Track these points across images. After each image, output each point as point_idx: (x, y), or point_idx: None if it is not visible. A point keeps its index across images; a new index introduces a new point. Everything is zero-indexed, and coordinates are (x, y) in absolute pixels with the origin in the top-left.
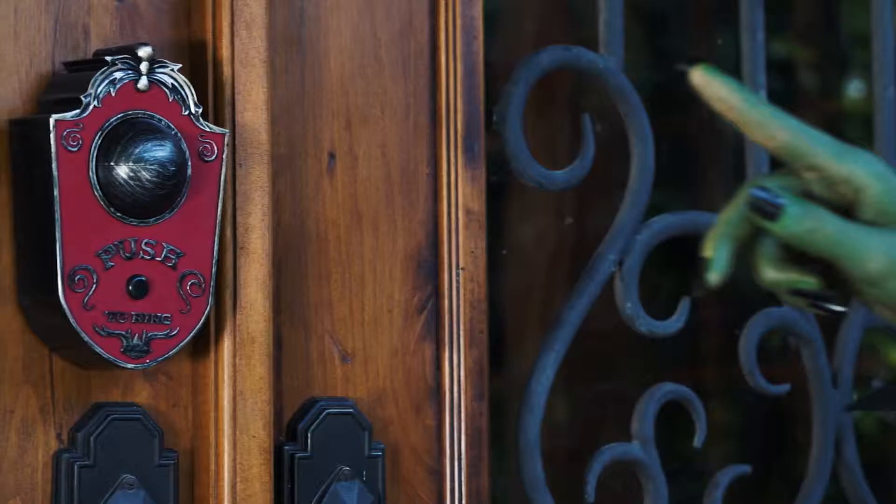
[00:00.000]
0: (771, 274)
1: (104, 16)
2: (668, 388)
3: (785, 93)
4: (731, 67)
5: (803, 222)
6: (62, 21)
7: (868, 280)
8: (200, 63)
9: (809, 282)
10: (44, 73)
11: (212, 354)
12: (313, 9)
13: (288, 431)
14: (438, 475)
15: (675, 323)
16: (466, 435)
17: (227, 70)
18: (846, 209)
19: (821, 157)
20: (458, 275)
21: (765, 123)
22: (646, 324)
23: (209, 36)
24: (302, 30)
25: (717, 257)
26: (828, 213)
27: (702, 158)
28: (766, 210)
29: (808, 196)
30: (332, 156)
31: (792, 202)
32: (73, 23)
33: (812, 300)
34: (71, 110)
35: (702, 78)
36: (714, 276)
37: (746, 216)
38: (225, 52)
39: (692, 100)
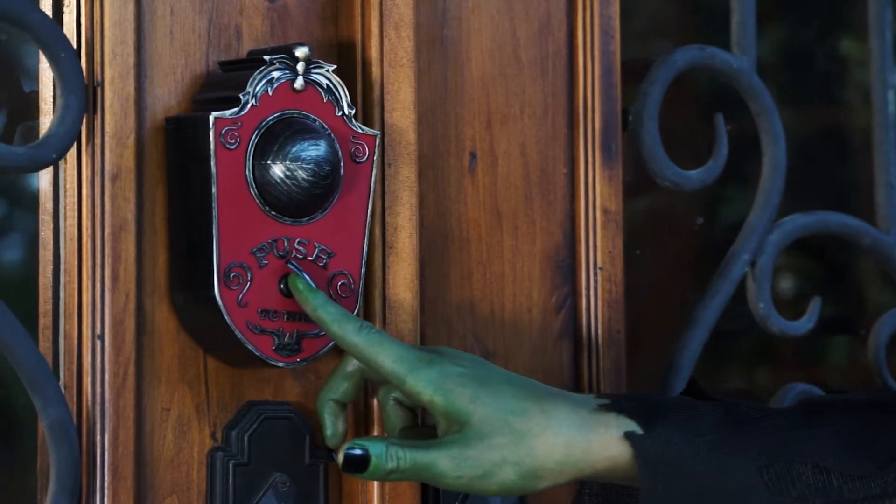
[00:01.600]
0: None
1: (256, 16)
2: (800, 388)
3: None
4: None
5: (386, 465)
6: (215, 22)
7: None
8: (348, 63)
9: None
10: (198, 73)
11: None
12: (455, 9)
13: None
14: None
15: (806, 323)
16: None
17: (375, 70)
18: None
19: (394, 375)
20: (596, 274)
21: (353, 345)
22: (778, 324)
23: (358, 36)
24: (445, 30)
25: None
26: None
27: (828, 158)
28: (356, 466)
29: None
30: (473, 155)
31: (375, 448)
32: (226, 23)
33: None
34: (226, 109)
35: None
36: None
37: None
38: (374, 53)
39: (813, 98)
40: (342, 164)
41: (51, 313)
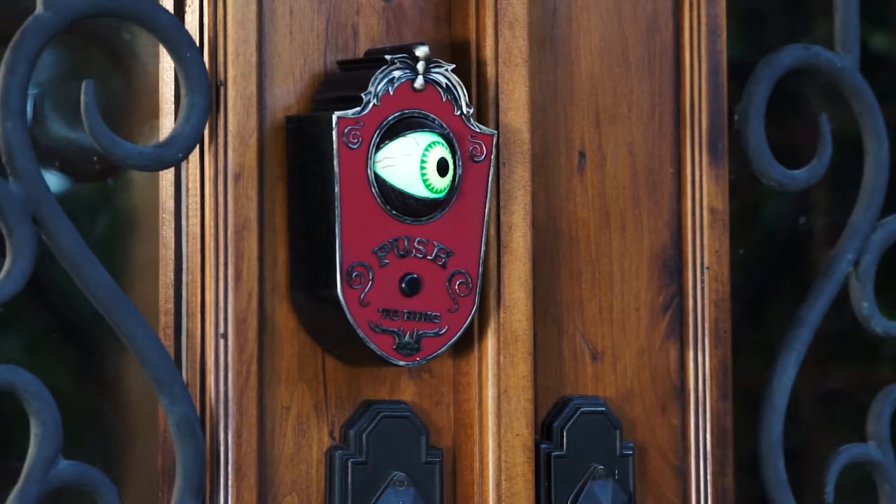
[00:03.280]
0: None
1: (372, 16)
2: None
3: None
4: None
5: None
6: (333, 21)
7: None
8: (463, 63)
9: None
10: (316, 72)
11: (475, 352)
12: (565, 8)
13: (543, 430)
14: (684, 474)
15: None
16: (712, 434)
17: (490, 70)
18: None
19: None
20: (703, 274)
21: None
22: (881, 324)
23: (472, 36)
24: (555, 29)
25: None
26: None
27: None
28: None
29: None
30: (582, 155)
31: None
32: (344, 23)
33: None
34: (347, 108)
35: None
36: None
37: None
38: (489, 52)
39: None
40: (461, 163)
41: (172, 312)
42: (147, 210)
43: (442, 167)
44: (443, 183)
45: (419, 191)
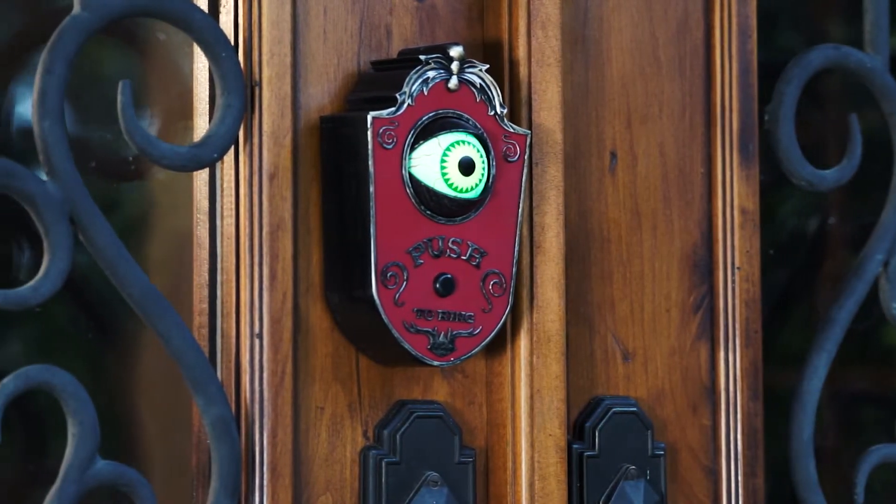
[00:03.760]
0: None
1: (405, 16)
2: None
3: None
4: None
5: None
6: (366, 21)
7: None
8: (495, 63)
9: None
10: (349, 72)
11: (508, 353)
12: (597, 9)
13: (574, 430)
14: (714, 475)
15: None
16: (742, 434)
17: (523, 70)
18: None
19: None
20: (733, 274)
21: None
22: None
23: (505, 36)
24: (586, 29)
25: None
26: None
27: None
28: None
29: None
30: (613, 155)
31: None
32: (377, 23)
33: None
34: (381, 108)
35: None
36: None
37: None
38: (521, 52)
39: None
40: (495, 163)
41: (206, 312)
42: (181, 210)
43: (466, 167)
44: (467, 182)
45: (443, 190)
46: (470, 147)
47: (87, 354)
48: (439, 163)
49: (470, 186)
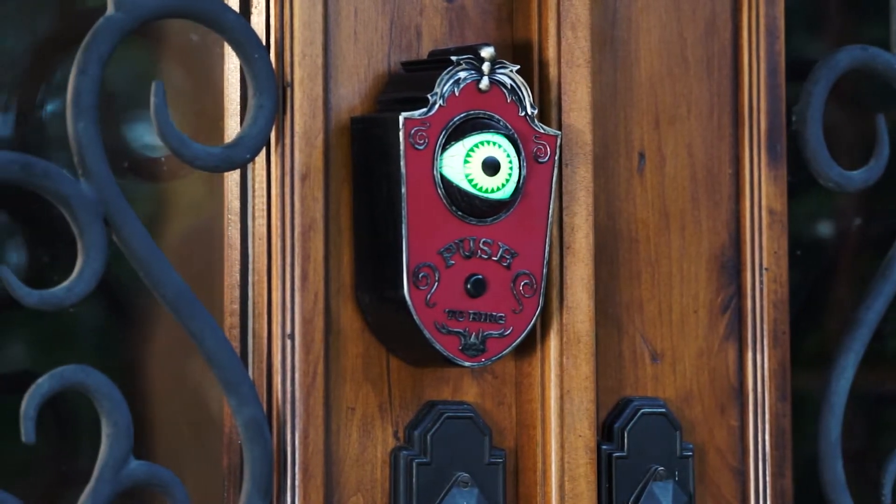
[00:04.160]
0: None
1: (435, 17)
2: None
3: None
4: None
5: None
6: (397, 22)
7: None
8: (524, 63)
9: None
10: (380, 73)
11: (537, 353)
12: (625, 9)
13: (603, 430)
14: (742, 476)
15: None
16: (770, 435)
17: (552, 70)
18: None
19: None
20: (761, 275)
21: None
22: None
23: (535, 37)
24: (615, 30)
25: None
26: None
27: None
28: None
29: None
30: (641, 156)
31: None
32: (407, 24)
33: None
34: (412, 109)
35: None
36: None
37: None
38: (551, 53)
39: None
40: (525, 164)
41: (238, 312)
42: (212, 210)
43: (491, 166)
44: (492, 182)
45: (469, 189)
46: (495, 147)
47: (118, 355)
48: (462, 163)
49: (496, 186)
